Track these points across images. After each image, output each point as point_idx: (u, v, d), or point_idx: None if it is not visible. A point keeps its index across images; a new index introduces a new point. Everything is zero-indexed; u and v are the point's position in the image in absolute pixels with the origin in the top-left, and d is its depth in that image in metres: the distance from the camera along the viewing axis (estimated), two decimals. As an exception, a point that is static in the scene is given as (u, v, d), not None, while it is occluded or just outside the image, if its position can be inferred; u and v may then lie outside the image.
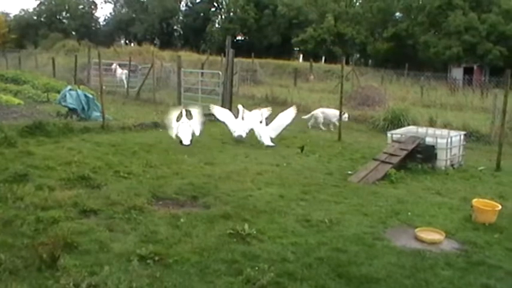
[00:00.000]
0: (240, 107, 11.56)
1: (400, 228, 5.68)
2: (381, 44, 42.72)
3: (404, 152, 8.71)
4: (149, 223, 5.25)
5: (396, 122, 14.10)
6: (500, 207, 6.05)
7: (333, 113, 14.19)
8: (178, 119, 10.14)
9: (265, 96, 20.52)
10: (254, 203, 6.18)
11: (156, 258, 4.30)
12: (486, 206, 6.07)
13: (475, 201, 6.14)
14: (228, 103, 14.75)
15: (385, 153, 8.82)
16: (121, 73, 23.14)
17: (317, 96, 20.84)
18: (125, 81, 21.77)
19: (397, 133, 9.75)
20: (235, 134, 10.95)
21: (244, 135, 10.97)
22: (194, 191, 6.61)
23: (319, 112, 14.51)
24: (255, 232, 5.04)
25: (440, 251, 5.02)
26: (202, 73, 20.79)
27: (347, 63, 32.82)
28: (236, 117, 11.31)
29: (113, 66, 23.88)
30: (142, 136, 10.97)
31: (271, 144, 10.61)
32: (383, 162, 8.45)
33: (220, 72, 16.31)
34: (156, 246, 4.55)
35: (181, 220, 5.37)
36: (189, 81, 19.57)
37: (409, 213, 6.18)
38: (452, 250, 5.07)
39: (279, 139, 11.54)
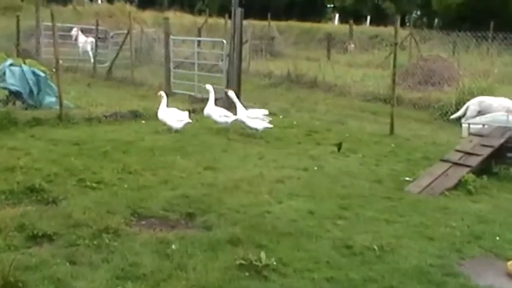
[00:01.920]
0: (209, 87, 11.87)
1: (484, 259, 5.64)
2: (452, -4, 42.10)
3: (489, 150, 8.64)
4: (127, 252, 5.27)
5: (476, 107, 13.95)
6: None
7: (501, 103, 12.68)
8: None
9: (286, 74, 20.49)
10: (273, 223, 6.18)
11: (138, 301, 4.34)
12: None
13: None
14: (236, 83, 14.74)
15: (458, 151, 8.77)
16: (85, 42, 23.29)
17: (359, 73, 20.77)
18: (91, 54, 21.90)
19: (477, 123, 9.70)
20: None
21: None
22: (190, 206, 6.63)
23: (475, 101, 13.12)
24: (275, 263, 5.05)
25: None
26: (199, 42, 20.82)
27: (402, 24, 32.47)
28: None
29: (73, 33, 24.06)
30: (116, 130, 11.06)
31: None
32: (456, 164, 8.40)
33: (224, 41, 16.30)
34: (137, 285, 4.58)
35: (173, 247, 5.39)
36: (181, 53, 19.60)
37: (497, 238, 6.13)
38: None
39: (306, 133, 11.54)
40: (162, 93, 11.50)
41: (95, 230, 5.68)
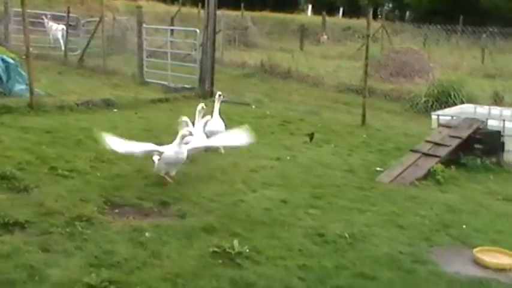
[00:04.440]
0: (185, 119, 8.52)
1: (452, 247, 5.74)
2: (424, -11, 42.39)
3: (457, 141, 8.78)
4: (101, 239, 5.26)
5: (445, 99, 14.29)
6: None
7: None
8: None
9: (260, 64, 20.54)
10: (247, 211, 6.23)
11: (112, 288, 4.32)
12: None
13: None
14: (209, 73, 14.72)
15: (428, 142, 8.91)
16: (56, 29, 22.93)
17: (332, 64, 20.91)
18: (62, 41, 21.61)
19: (447, 114, 9.84)
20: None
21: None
22: (164, 194, 6.63)
23: None
24: (248, 251, 5.09)
25: (510, 280, 5.08)
26: (172, 31, 20.72)
27: (375, 17, 32.72)
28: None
29: (45, 21, 23.67)
30: (89, 119, 10.94)
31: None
32: (425, 155, 8.52)
33: (197, 30, 16.24)
34: (111, 272, 4.57)
35: (147, 235, 5.39)
36: (154, 42, 19.49)
37: (464, 227, 6.25)
38: (526, 278, 5.12)
39: (279, 123, 11.58)
40: (203, 106, 8.78)
41: (67, 218, 5.64)
